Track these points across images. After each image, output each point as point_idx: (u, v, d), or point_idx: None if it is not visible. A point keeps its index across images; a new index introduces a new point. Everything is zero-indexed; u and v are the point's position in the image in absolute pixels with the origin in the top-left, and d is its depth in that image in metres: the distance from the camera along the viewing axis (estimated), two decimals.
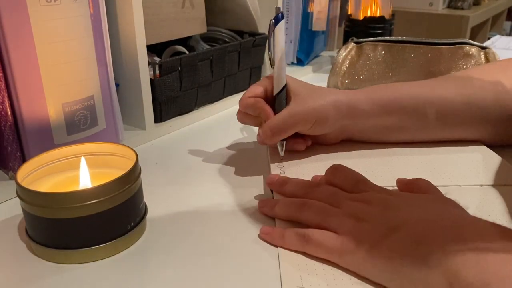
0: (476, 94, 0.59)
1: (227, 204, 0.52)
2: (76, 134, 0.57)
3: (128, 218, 0.45)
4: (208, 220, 0.50)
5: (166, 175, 0.60)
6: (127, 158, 0.48)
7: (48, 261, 0.43)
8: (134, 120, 0.70)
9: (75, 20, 0.54)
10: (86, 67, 0.57)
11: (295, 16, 1.03)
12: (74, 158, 0.49)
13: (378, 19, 1.00)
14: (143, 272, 0.42)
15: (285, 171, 0.57)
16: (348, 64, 0.84)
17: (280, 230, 0.44)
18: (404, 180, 0.49)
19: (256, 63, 0.90)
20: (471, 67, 0.78)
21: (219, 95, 0.83)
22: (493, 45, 1.05)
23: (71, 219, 0.41)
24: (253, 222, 0.48)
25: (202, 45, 0.88)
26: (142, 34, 0.65)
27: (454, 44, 0.81)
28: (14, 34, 0.50)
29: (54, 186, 0.48)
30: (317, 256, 0.42)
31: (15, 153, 0.54)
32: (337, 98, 0.57)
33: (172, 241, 0.46)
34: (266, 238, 0.45)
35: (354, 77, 0.85)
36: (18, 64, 0.51)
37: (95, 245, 0.43)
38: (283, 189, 0.51)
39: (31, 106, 0.53)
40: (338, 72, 0.84)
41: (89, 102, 0.58)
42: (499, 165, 0.56)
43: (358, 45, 0.84)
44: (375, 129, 0.60)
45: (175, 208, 0.52)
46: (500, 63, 0.66)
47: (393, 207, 0.41)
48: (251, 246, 0.45)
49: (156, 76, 0.69)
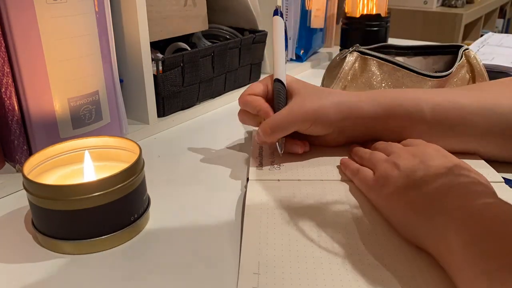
0: (492, 99, 0.55)
1: (228, 196, 0.53)
2: (81, 128, 0.58)
3: (131, 210, 0.45)
4: (209, 212, 0.50)
5: (169, 168, 0.60)
6: (131, 151, 0.49)
7: (54, 251, 0.44)
8: (137, 115, 0.71)
9: (81, 17, 0.55)
10: (91, 63, 0.57)
11: (294, 14, 1.03)
12: (79, 152, 0.50)
13: (375, 17, 1.01)
14: (146, 261, 0.43)
15: (281, 172, 0.56)
16: (350, 77, 0.77)
17: (352, 164, 0.55)
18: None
19: (256, 59, 0.91)
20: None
21: (220, 90, 0.84)
22: (486, 42, 1.06)
23: (76, 210, 0.42)
24: None
25: (203, 42, 0.89)
26: (145, 31, 0.66)
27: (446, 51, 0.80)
28: (21, 32, 0.50)
29: (60, 179, 0.48)
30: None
31: (21, 146, 0.55)
32: (339, 99, 0.57)
33: (174, 232, 0.47)
34: (341, 167, 0.56)
35: (354, 90, 0.80)
36: (25, 60, 0.51)
37: (100, 236, 0.43)
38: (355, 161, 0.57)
39: (37, 101, 0.53)
40: (339, 80, 0.78)
41: (94, 97, 0.58)
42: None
43: (363, 57, 0.77)
44: (375, 131, 0.59)
45: (177, 200, 0.53)
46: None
47: (426, 164, 0.46)
48: None
49: (159, 72, 0.70)
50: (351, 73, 0.77)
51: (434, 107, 0.56)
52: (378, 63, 0.76)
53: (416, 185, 0.44)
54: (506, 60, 0.87)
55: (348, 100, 0.57)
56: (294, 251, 0.42)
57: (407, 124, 0.57)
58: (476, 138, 0.56)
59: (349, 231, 0.44)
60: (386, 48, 0.82)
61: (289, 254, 0.41)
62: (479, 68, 0.76)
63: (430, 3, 2.16)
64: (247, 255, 0.41)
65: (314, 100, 0.56)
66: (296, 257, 0.41)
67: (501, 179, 0.53)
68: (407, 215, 0.43)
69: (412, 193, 0.44)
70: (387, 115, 0.57)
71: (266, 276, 0.38)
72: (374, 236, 0.44)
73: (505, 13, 3.08)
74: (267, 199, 0.50)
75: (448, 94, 0.57)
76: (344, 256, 0.41)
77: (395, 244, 0.43)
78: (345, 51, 0.78)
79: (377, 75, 0.76)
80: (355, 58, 0.77)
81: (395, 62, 0.75)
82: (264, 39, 0.91)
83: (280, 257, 0.41)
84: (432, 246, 0.40)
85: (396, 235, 0.44)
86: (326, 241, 0.43)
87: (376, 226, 0.45)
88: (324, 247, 0.42)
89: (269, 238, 0.43)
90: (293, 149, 0.59)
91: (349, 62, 0.77)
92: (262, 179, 0.54)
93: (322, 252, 0.41)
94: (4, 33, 0.50)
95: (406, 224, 0.43)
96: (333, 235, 0.44)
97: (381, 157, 0.52)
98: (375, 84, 0.76)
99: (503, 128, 0.55)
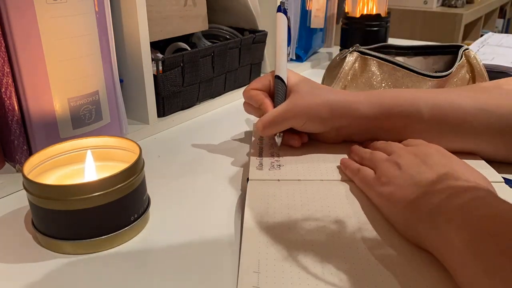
0: (491, 100, 0.55)
1: (228, 196, 0.53)
2: (81, 128, 0.58)
3: (132, 209, 0.45)
4: (209, 212, 0.50)
5: (169, 168, 0.61)
6: (131, 151, 0.49)
7: (54, 251, 0.44)
8: (137, 115, 0.71)
9: (81, 17, 0.55)
10: (91, 63, 0.57)
11: (294, 14, 1.04)
12: (79, 152, 0.50)
13: (375, 16, 1.01)
14: (146, 261, 0.43)
15: (281, 172, 0.56)
16: (350, 77, 0.77)
17: (353, 163, 0.54)
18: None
19: (256, 59, 0.91)
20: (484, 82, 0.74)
21: (220, 90, 0.84)
22: (486, 42, 1.06)
23: (76, 211, 0.42)
24: None
25: (203, 42, 0.89)
26: (145, 31, 0.66)
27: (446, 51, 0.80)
28: (22, 32, 0.50)
29: (59, 179, 0.48)
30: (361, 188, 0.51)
31: (21, 146, 0.55)
32: (334, 98, 0.57)
33: (174, 232, 0.47)
34: (341, 167, 0.56)
35: (354, 90, 0.80)
36: (25, 60, 0.51)
37: (100, 236, 0.43)
38: (355, 160, 0.56)
39: (37, 101, 0.53)
40: (339, 80, 0.78)
41: (94, 97, 0.59)
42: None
43: (363, 57, 0.77)
44: (374, 131, 0.59)
45: (177, 200, 0.53)
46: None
47: (428, 163, 0.46)
48: None
49: (159, 72, 0.70)
50: (351, 73, 0.77)
51: (432, 107, 0.56)
52: (378, 63, 0.76)
53: (417, 185, 0.44)
54: (506, 60, 0.87)
55: (343, 100, 0.57)
56: (294, 250, 0.42)
57: (406, 124, 0.57)
58: (475, 139, 0.56)
59: (349, 231, 0.44)
60: (386, 48, 0.82)
61: (289, 253, 0.41)
62: (479, 68, 0.76)
63: (430, 3, 2.16)
64: (247, 254, 0.41)
65: (308, 98, 0.57)
66: (296, 256, 0.41)
67: (501, 179, 0.52)
68: (408, 214, 0.43)
69: (413, 193, 0.44)
70: (385, 116, 0.57)
71: (266, 275, 0.39)
72: (375, 236, 0.44)
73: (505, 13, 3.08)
74: (267, 199, 0.50)
75: (447, 95, 0.57)
76: (344, 255, 0.41)
77: (396, 244, 0.43)
78: (345, 51, 0.78)
79: (377, 75, 0.76)
80: (355, 58, 0.77)
81: (395, 62, 0.75)
82: (264, 39, 0.91)
83: (280, 256, 0.41)
84: (433, 246, 0.40)
85: (396, 234, 0.44)
86: (325, 240, 0.43)
87: (377, 225, 0.45)
88: (324, 246, 0.42)
89: (269, 237, 0.43)
90: (290, 142, 0.61)
91: (349, 62, 0.77)
92: (262, 179, 0.54)
93: (322, 251, 0.41)
94: (4, 33, 0.50)
95: (407, 223, 0.43)
96: (333, 235, 0.44)
97: (382, 156, 0.52)
98: (375, 84, 0.76)
99: (502, 129, 0.55)
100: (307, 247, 0.42)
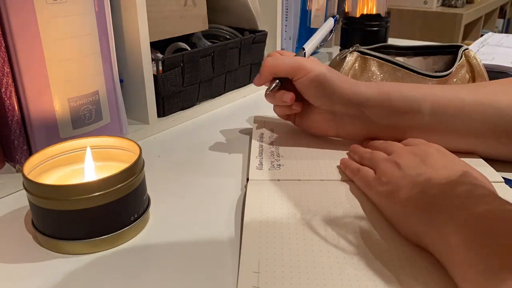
0: (490, 94, 0.56)
1: (228, 196, 0.53)
2: (81, 128, 0.58)
3: (131, 209, 0.45)
4: (209, 212, 0.50)
5: (169, 168, 0.60)
6: (131, 151, 0.49)
7: (54, 251, 0.44)
8: (137, 115, 0.71)
9: (81, 17, 0.55)
10: (91, 63, 0.58)
11: (294, 14, 1.04)
12: (79, 152, 0.50)
13: (374, 16, 1.01)
14: (146, 261, 0.43)
15: (281, 172, 0.56)
16: (350, 77, 0.75)
17: (353, 163, 0.55)
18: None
19: (256, 59, 0.90)
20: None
21: (220, 90, 0.84)
22: (486, 42, 1.06)
23: (76, 210, 0.42)
24: None
25: (203, 42, 0.89)
26: (145, 31, 0.66)
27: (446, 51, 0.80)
28: (21, 32, 0.50)
29: (59, 179, 0.48)
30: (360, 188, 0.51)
31: (21, 146, 0.55)
32: (329, 70, 0.59)
33: (174, 232, 0.47)
34: (341, 167, 0.56)
35: None
36: (25, 61, 0.51)
37: (100, 236, 0.43)
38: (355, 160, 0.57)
39: (37, 101, 0.53)
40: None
41: (94, 97, 0.59)
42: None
43: (363, 57, 0.77)
44: (373, 125, 0.59)
45: (177, 200, 0.53)
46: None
47: (427, 163, 0.47)
48: None
49: (159, 72, 0.70)
50: (351, 73, 0.77)
51: (433, 96, 0.57)
52: (378, 63, 0.76)
53: (417, 185, 0.44)
54: (506, 60, 0.87)
55: (349, 86, 0.59)
56: (294, 250, 0.42)
57: (404, 112, 0.57)
58: (474, 134, 0.56)
59: (349, 231, 0.44)
60: (386, 48, 0.82)
61: (289, 253, 0.41)
62: (479, 68, 0.76)
63: (430, 3, 2.17)
64: (247, 254, 0.41)
65: (322, 67, 0.59)
66: (296, 256, 0.41)
67: (501, 179, 0.53)
68: (408, 214, 0.43)
69: (413, 192, 0.44)
70: (384, 98, 0.57)
71: (266, 275, 0.39)
72: (375, 236, 0.44)
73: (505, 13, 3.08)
74: (267, 199, 0.50)
75: (448, 88, 0.58)
76: (344, 255, 0.41)
77: (396, 244, 0.43)
78: (345, 51, 0.78)
79: (377, 75, 0.76)
80: (355, 58, 0.77)
81: (395, 62, 0.75)
82: (264, 39, 0.91)
83: (280, 256, 0.41)
84: (433, 245, 0.40)
85: (396, 234, 0.44)
86: (325, 240, 0.43)
87: (377, 225, 0.45)
88: (323, 246, 0.42)
89: (269, 237, 0.43)
90: (284, 97, 0.61)
91: (349, 62, 0.77)
92: (262, 179, 0.54)
93: (321, 251, 0.41)
94: (4, 33, 0.50)
95: (407, 223, 0.43)
96: (333, 235, 0.44)
97: (382, 156, 0.52)
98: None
99: (500, 123, 0.55)
100: (307, 247, 0.42)
